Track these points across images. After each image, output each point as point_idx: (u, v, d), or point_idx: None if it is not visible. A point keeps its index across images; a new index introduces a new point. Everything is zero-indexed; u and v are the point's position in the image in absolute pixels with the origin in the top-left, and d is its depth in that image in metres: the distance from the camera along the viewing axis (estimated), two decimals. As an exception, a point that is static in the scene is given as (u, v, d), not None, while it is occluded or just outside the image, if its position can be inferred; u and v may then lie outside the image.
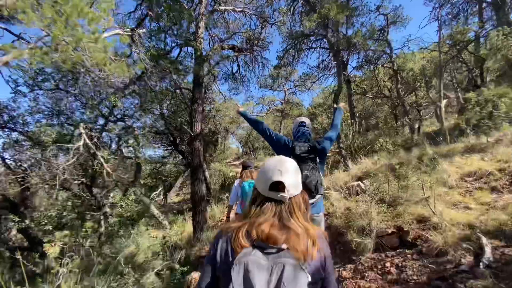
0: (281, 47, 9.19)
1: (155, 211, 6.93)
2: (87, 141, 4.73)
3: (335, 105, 2.82)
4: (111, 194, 6.70)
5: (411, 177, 4.06)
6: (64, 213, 6.31)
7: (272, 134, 2.34)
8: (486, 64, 8.67)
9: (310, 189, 1.95)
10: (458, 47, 9.02)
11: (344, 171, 7.03)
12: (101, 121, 6.36)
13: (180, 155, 9.84)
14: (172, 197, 16.12)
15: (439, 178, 4.03)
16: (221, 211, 7.13)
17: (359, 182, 4.89)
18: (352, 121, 9.20)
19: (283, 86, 20.47)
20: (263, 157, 18.32)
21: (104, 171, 4.69)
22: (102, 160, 4.74)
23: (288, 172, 0.87)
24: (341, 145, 7.68)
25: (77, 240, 5.24)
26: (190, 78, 7.14)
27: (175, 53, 7.12)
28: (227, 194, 7.71)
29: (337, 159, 8.56)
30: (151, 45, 6.08)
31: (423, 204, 3.43)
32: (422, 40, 8.89)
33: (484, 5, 10.42)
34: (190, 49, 6.68)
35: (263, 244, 0.77)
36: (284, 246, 0.76)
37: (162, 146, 9.85)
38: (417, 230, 3.11)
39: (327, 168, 8.14)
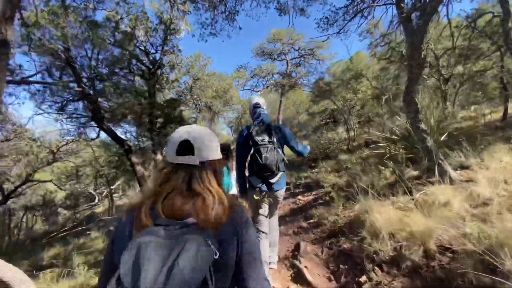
0: None
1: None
2: None
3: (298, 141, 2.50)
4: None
5: None
6: None
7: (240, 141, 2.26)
8: None
9: (271, 169, 2.02)
10: None
11: (444, 183, 3.01)
12: None
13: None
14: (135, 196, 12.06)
15: None
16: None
17: None
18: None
19: (285, 55, 16.11)
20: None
21: None
22: None
23: (198, 134, 0.79)
24: (421, 125, 3.61)
25: None
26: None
27: None
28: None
29: (395, 152, 4.44)
30: None
31: None
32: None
33: None
34: None
35: (166, 220, 0.66)
36: (190, 220, 0.66)
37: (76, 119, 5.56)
38: None
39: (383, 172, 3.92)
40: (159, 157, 6.08)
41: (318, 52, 15.30)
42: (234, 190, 3.13)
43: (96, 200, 11.86)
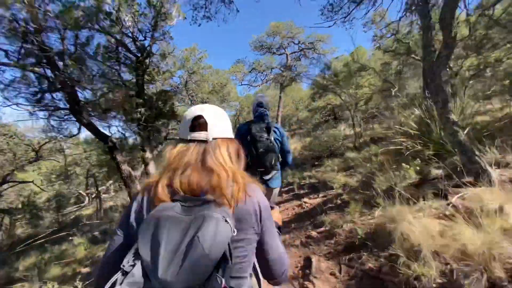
0: None
1: None
2: None
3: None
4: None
5: None
6: None
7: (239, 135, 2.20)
8: None
9: (266, 165, 2.04)
10: None
11: (490, 185, 2.48)
12: None
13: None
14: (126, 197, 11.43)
15: None
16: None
17: None
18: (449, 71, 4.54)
19: (285, 49, 15.53)
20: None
21: None
22: None
23: (211, 110, 0.78)
24: (452, 116, 3.09)
25: None
26: None
27: None
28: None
29: (412, 148, 3.86)
30: None
31: None
32: None
33: None
34: None
35: (184, 196, 0.64)
36: (208, 197, 0.64)
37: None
38: None
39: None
40: (148, 155, 5.48)
41: (319, 45, 14.73)
42: None
43: (86, 202, 11.22)
